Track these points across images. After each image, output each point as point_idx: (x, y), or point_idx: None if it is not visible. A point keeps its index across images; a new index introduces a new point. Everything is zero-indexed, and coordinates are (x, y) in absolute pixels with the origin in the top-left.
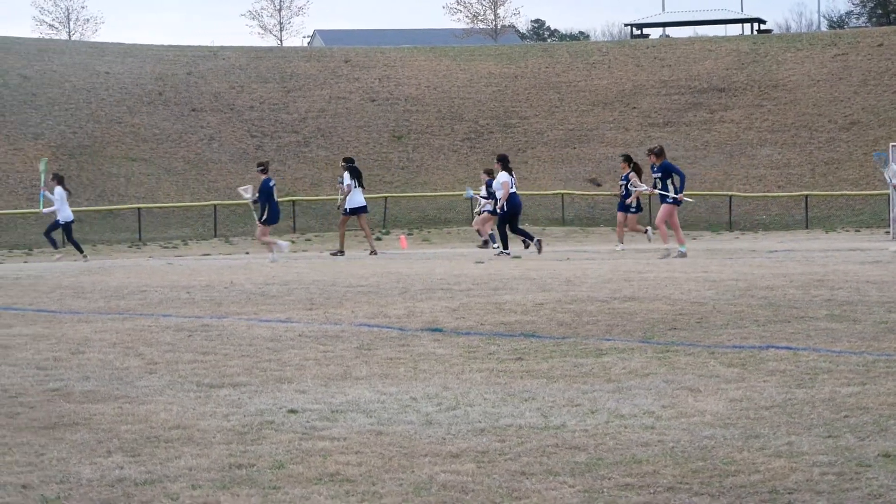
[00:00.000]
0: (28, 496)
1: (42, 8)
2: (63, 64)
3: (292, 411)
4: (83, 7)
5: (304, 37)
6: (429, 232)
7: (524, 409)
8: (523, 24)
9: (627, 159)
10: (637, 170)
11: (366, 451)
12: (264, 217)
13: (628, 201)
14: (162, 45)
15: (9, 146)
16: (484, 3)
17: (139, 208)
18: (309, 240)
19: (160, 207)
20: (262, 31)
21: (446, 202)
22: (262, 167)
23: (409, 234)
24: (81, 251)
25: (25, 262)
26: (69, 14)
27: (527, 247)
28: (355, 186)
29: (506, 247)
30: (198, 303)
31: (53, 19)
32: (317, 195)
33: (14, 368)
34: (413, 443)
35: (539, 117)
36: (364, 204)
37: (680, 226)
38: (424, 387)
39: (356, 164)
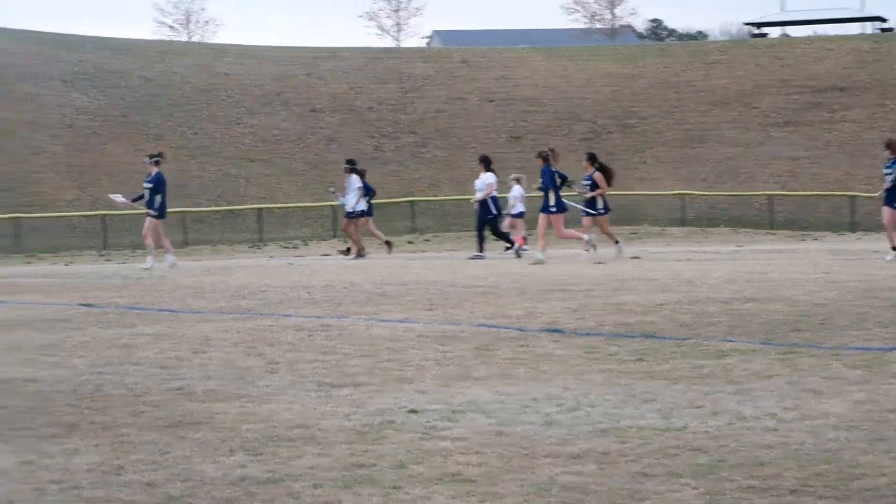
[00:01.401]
0: (153, 494)
1: (163, 10)
2: (183, 66)
3: (413, 411)
4: (203, 9)
5: (422, 38)
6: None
7: (645, 410)
8: (641, 24)
9: (591, 158)
10: (603, 170)
11: (486, 451)
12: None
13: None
14: (281, 47)
15: (130, 147)
16: (601, 2)
17: (259, 209)
18: (428, 240)
19: (280, 208)
20: (380, 32)
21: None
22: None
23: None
24: None
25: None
26: (189, 16)
27: (507, 249)
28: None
29: (481, 249)
30: (318, 303)
31: (174, 21)
32: (435, 195)
33: (138, 367)
34: (533, 443)
35: (657, 117)
36: (364, 209)
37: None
38: (545, 387)
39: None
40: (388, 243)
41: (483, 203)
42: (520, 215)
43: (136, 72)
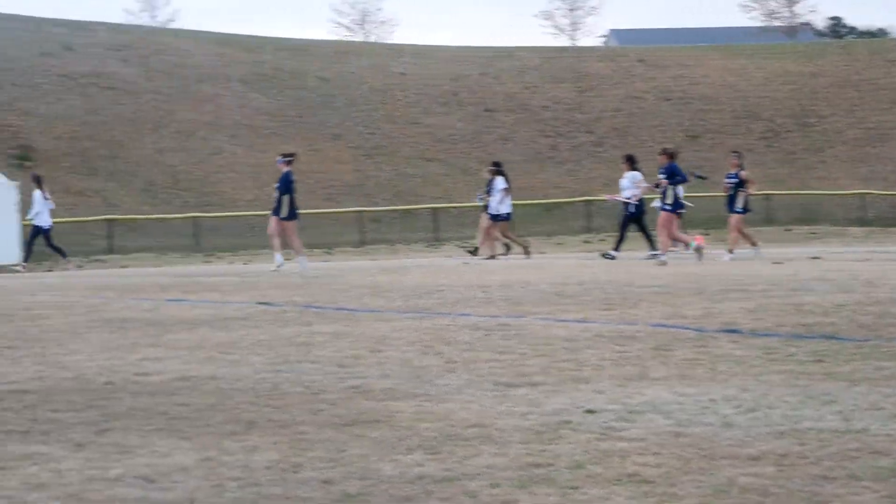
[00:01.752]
0: (330, 492)
1: (339, 11)
2: (360, 66)
3: (590, 411)
4: (379, 9)
5: (598, 36)
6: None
7: (825, 412)
8: (820, 22)
9: (739, 156)
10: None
11: (664, 452)
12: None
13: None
14: (457, 46)
15: (307, 147)
16: (779, 0)
17: (435, 208)
18: (603, 240)
19: (455, 207)
20: (556, 32)
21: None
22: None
23: (705, 234)
24: (26, 259)
25: (325, 261)
26: (365, 17)
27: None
28: (508, 192)
29: (617, 248)
30: (494, 302)
31: (350, 22)
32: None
33: (315, 366)
34: (712, 445)
35: (837, 116)
36: (510, 212)
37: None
38: (723, 388)
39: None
40: (508, 249)
41: (627, 201)
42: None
43: (313, 72)
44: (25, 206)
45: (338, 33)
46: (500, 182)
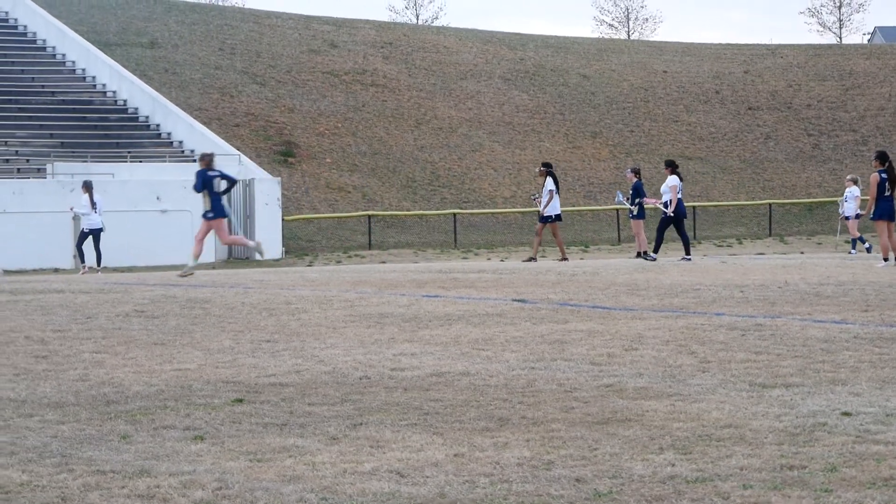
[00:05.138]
0: (581, 489)
1: (602, 8)
2: (621, 63)
3: (846, 414)
4: (643, 6)
5: (864, 34)
6: None
7: None
8: None
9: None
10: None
11: None
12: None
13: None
14: (720, 44)
15: (567, 144)
16: None
17: (694, 206)
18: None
19: (715, 206)
20: (822, 29)
21: None
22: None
23: None
24: (83, 262)
25: (582, 258)
26: (629, 14)
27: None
28: (556, 193)
29: (656, 250)
30: (751, 302)
31: (613, 19)
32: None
33: (569, 363)
34: None
35: None
36: (560, 212)
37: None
38: None
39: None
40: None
41: (666, 205)
42: (857, 216)
43: (574, 69)
44: (287, 202)
45: (601, 31)
46: (549, 183)
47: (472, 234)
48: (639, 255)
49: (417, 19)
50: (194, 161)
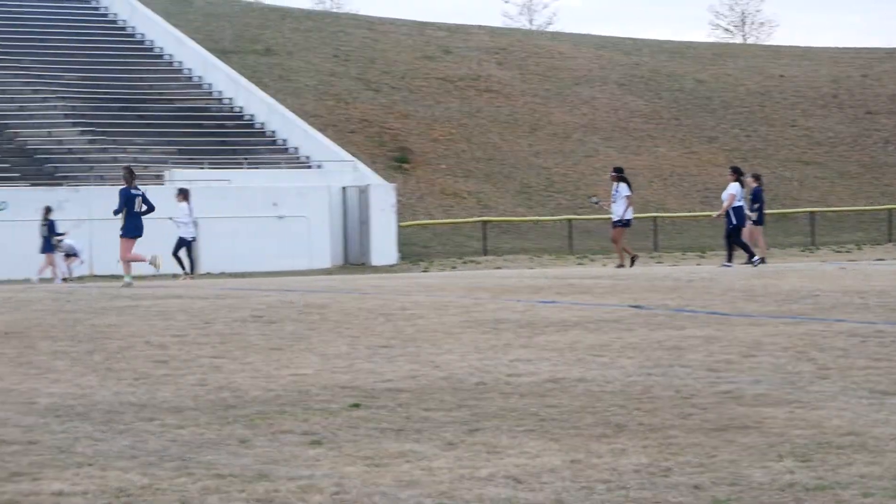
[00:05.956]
0: (699, 497)
1: (718, 13)
2: (737, 67)
3: None
4: (758, 10)
5: None
6: None
7: None
8: None
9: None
10: None
11: None
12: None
13: None
14: (837, 47)
15: (683, 149)
16: None
17: (812, 212)
18: None
19: (833, 211)
20: None
21: None
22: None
23: None
24: (183, 269)
25: (698, 264)
26: (744, 17)
27: (750, 260)
28: (631, 199)
29: (730, 259)
30: (871, 308)
31: (729, 23)
32: None
33: (686, 370)
34: None
35: None
36: (631, 218)
37: None
38: None
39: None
40: (633, 259)
41: (727, 213)
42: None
43: (690, 74)
44: (402, 208)
45: (716, 35)
46: (623, 188)
47: (588, 240)
48: (750, 260)
49: (531, 24)
50: (310, 167)
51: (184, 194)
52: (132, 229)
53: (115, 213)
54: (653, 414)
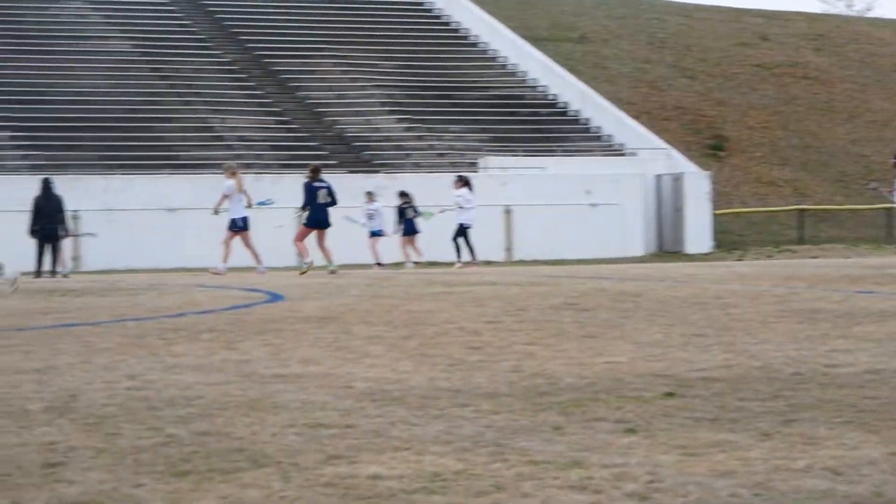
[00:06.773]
0: None
1: None
2: None
3: None
4: None
5: None
6: None
7: None
8: None
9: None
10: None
11: None
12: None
13: None
14: None
15: None
16: None
17: None
18: None
19: None
20: None
21: None
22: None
23: None
24: (458, 256)
25: None
26: None
27: None
28: None
29: None
30: None
31: None
32: None
33: None
34: None
35: None
36: None
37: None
38: None
39: None
40: None
41: None
42: None
43: None
44: (717, 196)
45: None
46: None
47: None
48: None
49: (850, 10)
50: (623, 155)
51: (463, 180)
52: (313, 221)
53: (302, 207)
54: None
